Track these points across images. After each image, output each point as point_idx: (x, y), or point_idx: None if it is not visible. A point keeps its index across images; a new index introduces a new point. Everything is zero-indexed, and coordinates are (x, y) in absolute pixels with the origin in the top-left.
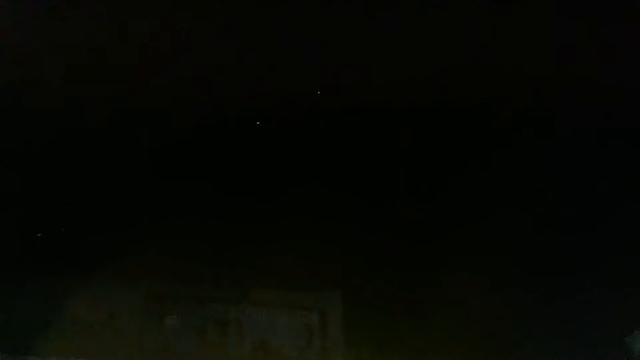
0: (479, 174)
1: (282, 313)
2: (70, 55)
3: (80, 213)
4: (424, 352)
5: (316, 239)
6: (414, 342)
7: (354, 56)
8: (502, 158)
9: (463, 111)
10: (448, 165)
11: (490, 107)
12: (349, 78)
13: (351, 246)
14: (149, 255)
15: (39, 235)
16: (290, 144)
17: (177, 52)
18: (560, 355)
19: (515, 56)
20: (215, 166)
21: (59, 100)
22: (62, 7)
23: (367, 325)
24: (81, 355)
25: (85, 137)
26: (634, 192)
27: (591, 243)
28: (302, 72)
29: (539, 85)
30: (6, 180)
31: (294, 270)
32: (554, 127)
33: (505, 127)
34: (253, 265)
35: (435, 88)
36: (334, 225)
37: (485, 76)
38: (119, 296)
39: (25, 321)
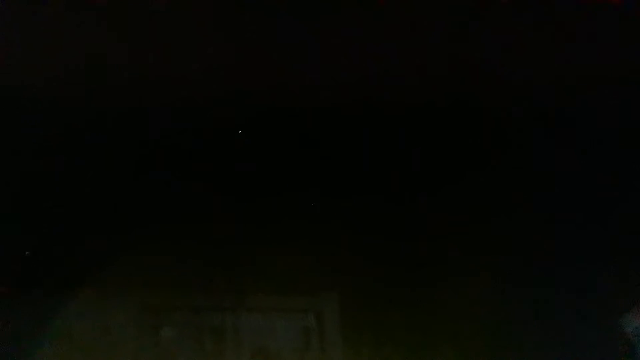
0: (466, 172)
1: (279, 317)
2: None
3: (66, 221)
4: (424, 354)
5: (311, 241)
6: (414, 344)
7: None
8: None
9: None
10: (438, 163)
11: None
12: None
13: (347, 247)
14: (138, 263)
15: (26, 253)
16: (282, 144)
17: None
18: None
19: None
20: (205, 169)
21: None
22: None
23: (366, 327)
24: None
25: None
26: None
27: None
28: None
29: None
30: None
31: (290, 273)
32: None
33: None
34: (249, 270)
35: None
36: (329, 226)
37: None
38: (111, 307)
39: (15, 335)
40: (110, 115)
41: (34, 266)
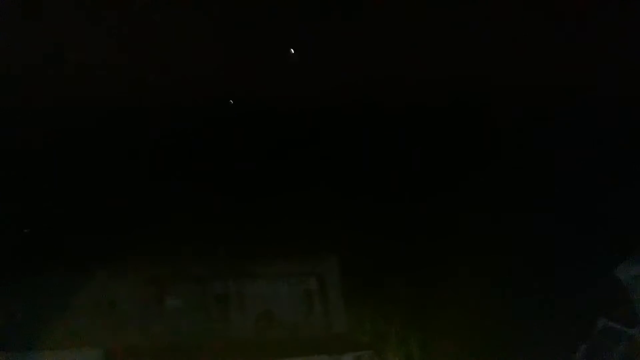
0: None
1: (282, 282)
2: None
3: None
4: (423, 313)
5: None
6: (413, 304)
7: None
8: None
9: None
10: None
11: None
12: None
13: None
14: (142, 236)
15: (25, 230)
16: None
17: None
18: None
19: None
20: (209, 150)
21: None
22: None
23: (367, 289)
24: (80, 345)
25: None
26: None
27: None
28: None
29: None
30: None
31: (291, 239)
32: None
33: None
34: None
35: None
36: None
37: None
38: (117, 280)
39: (23, 311)
40: (102, 114)
41: (39, 243)
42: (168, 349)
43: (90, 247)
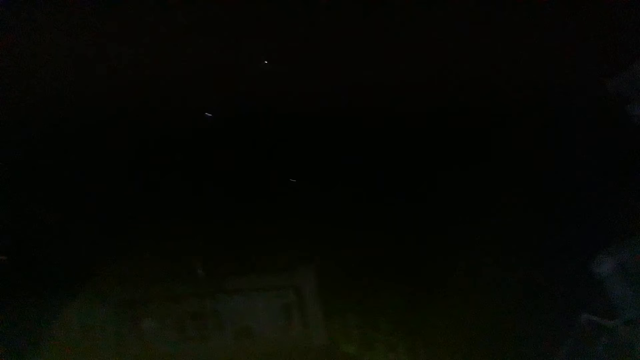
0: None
1: (259, 296)
2: None
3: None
4: (402, 318)
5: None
6: (391, 313)
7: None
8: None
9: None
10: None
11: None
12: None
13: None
14: (115, 258)
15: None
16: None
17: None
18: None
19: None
20: (177, 161)
21: None
22: None
23: (345, 298)
24: None
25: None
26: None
27: None
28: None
29: None
30: None
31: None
32: None
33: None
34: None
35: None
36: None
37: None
38: (92, 305)
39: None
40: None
41: (11, 268)
42: None
43: (59, 269)
